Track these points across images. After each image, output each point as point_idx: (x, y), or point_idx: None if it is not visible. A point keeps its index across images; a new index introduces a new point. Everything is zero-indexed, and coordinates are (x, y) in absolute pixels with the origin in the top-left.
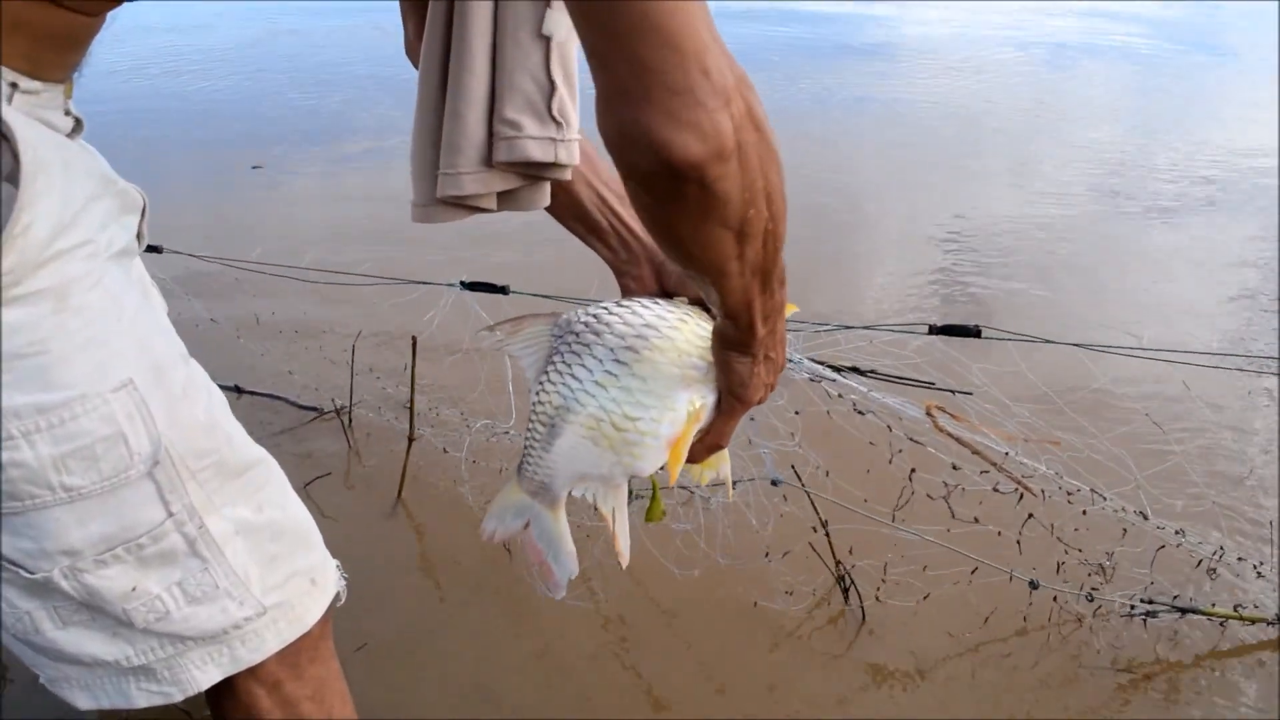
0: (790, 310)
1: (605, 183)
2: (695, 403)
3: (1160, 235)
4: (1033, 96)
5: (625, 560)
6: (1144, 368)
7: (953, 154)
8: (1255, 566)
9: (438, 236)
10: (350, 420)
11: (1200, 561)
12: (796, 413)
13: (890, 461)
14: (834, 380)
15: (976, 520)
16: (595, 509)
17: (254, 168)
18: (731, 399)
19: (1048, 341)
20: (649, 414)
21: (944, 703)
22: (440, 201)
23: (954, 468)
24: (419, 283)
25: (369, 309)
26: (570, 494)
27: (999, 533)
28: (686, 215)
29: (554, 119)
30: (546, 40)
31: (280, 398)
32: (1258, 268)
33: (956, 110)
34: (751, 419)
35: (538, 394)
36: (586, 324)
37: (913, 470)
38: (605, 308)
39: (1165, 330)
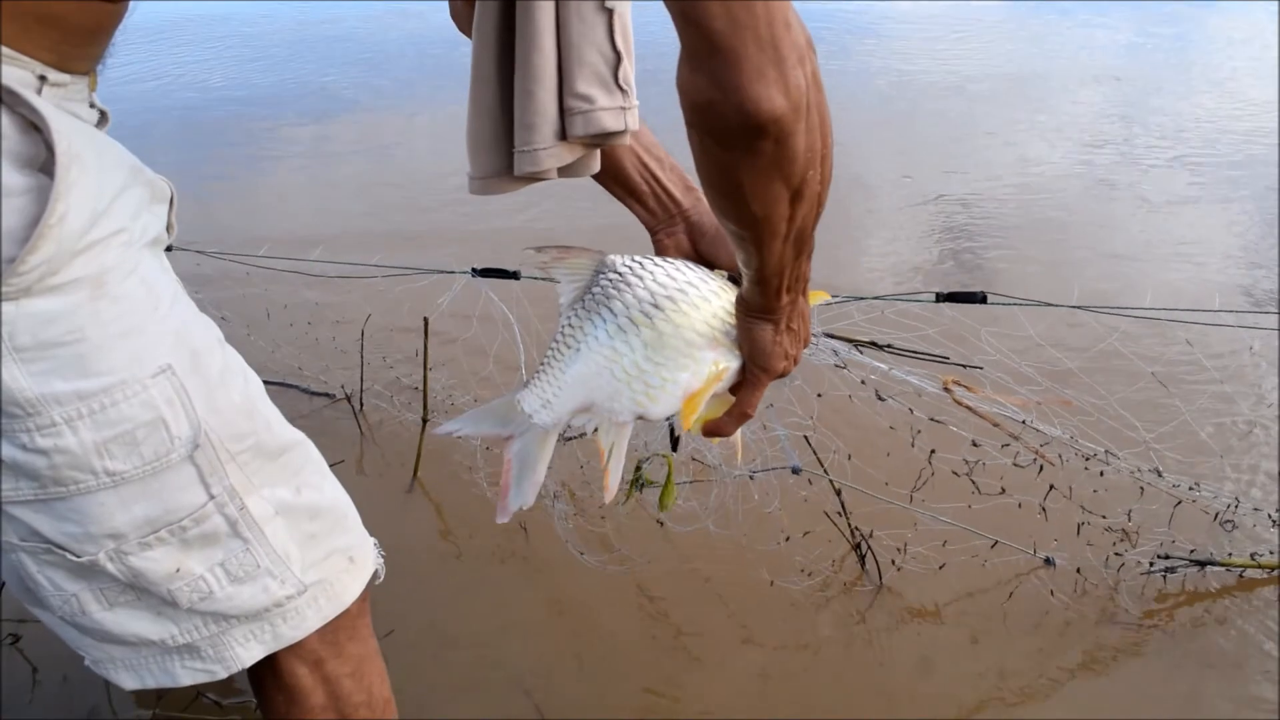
0: (820, 298)
1: (646, 147)
2: (720, 364)
3: (1157, 193)
4: (1023, 56)
5: (610, 496)
6: (1147, 326)
7: (948, 120)
8: (1270, 515)
9: (444, 224)
10: (362, 406)
11: (1216, 515)
12: (819, 395)
13: (913, 445)
14: (854, 356)
15: (1003, 490)
16: (593, 438)
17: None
18: (755, 368)
19: (1052, 305)
20: (673, 361)
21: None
22: (507, 175)
23: (974, 444)
24: (431, 271)
25: (379, 298)
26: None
27: (1019, 504)
28: (757, 170)
29: (620, 88)
30: (609, 12)
31: (291, 385)
32: (1257, 223)
33: (947, 75)
34: (770, 405)
35: (568, 319)
36: (630, 268)
37: (933, 451)
38: (651, 259)
39: (1167, 287)
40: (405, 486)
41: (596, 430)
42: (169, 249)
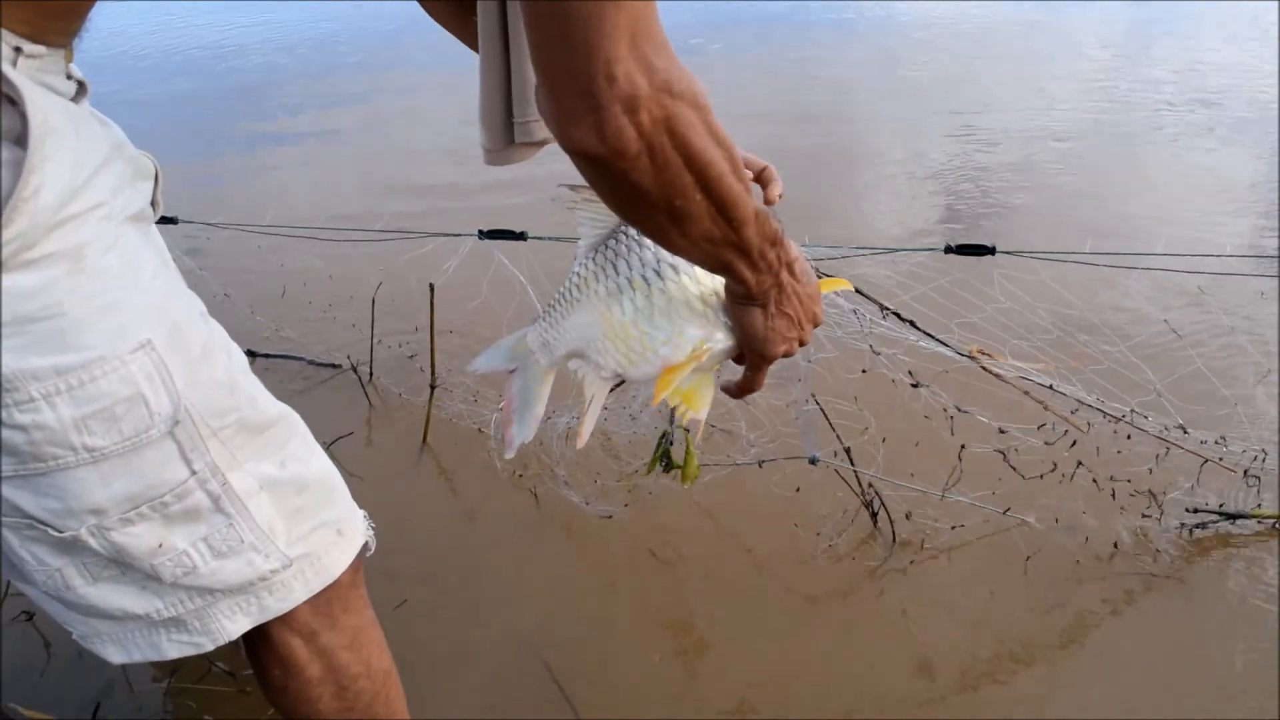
0: (837, 285)
1: None
2: (703, 343)
3: (1164, 145)
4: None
5: (581, 443)
6: (1159, 276)
7: (952, 75)
8: None
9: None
10: (371, 376)
11: (1245, 471)
12: (863, 370)
13: (952, 433)
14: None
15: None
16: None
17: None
18: (751, 352)
19: (1060, 258)
20: (658, 332)
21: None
22: (514, 145)
23: (1000, 431)
24: (438, 234)
25: (386, 267)
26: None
27: (1042, 475)
28: (612, 195)
29: None
30: None
31: (297, 357)
32: (1264, 173)
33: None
34: (802, 402)
35: (580, 265)
36: None
37: (963, 446)
38: None
39: (1178, 235)
40: (415, 455)
41: (584, 379)
42: (173, 220)
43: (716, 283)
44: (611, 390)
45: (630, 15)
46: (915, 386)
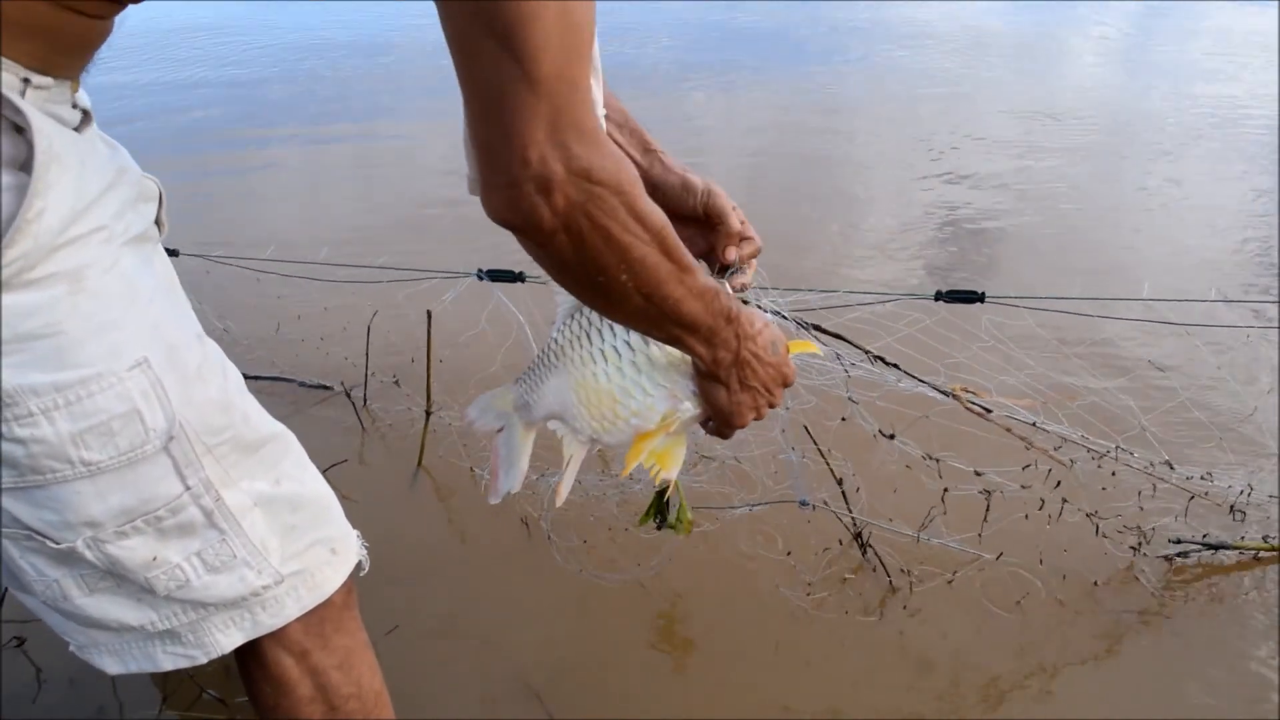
0: (804, 349)
1: (609, 110)
2: (672, 413)
3: (1155, 183)
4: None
5: (559, 501)
6: (1147, 313)
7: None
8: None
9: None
10: (365, 401)
11: (1232, 507)
12: (843, 419)
13: (939, 476)
14: (863, 366)
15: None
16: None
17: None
18: (718, 422)
19: (1047, 307)
20: (629, 400)
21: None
22: None
23: (977, 473)
24: (439, 274)
25: (384, 297)
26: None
27: (1027, 516)
28: (540, 262)
29: None
30: None
31: (288, 380)
32: (1257, 215)
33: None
34: (783, 430)
35: (559, 329)
36: None
37: (945, 490)
38: None
39: (1166, 277)
40: (408, 481)
41: (563, 439)
42: (175, 253)
43: (678, 353)
44: (589, 452)
45: (552, 103)
46: (890, 438)
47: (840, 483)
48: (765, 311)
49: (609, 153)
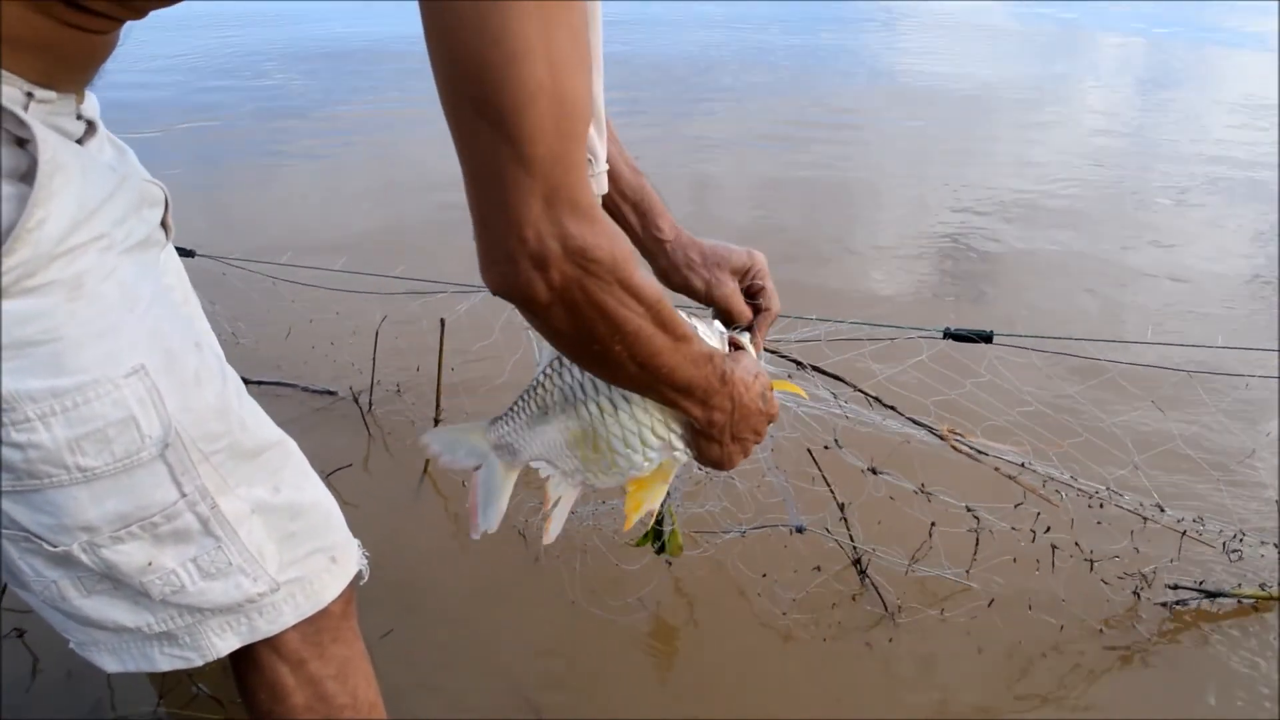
0: (792, 390)
1: (625, 189)
2: (666, 463)
3: (1164, 221)
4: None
5: (548, 539)
6: (1150, 354)
7: (957, 131)
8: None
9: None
10: (371, 407)
11: (1224, 544)
12: (827, 446)
13: (932, 518)
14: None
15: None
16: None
17: None
18: (709, 467)
19: (1057, 350)
20: (628, 452)
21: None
22: None
23: (968, 509)
24: (456, 286)
25: (398, 307)
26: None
27: (1014, 559)
28: (536, 328)
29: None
30: None
31: (291, 385)
32: (1262, 256)
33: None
34: (778, 467)
35: (546, 375)
36: None
37: (933, 524)
38: None
39: (1170, 319)
40: (413, 488)
41: (550, 481)
42: (191, 254)
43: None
44: (580, 494)
45: (548, 183)
46: (875, 474)
47: (843, 508)
48: (760, 352)
49: (604, 229)
